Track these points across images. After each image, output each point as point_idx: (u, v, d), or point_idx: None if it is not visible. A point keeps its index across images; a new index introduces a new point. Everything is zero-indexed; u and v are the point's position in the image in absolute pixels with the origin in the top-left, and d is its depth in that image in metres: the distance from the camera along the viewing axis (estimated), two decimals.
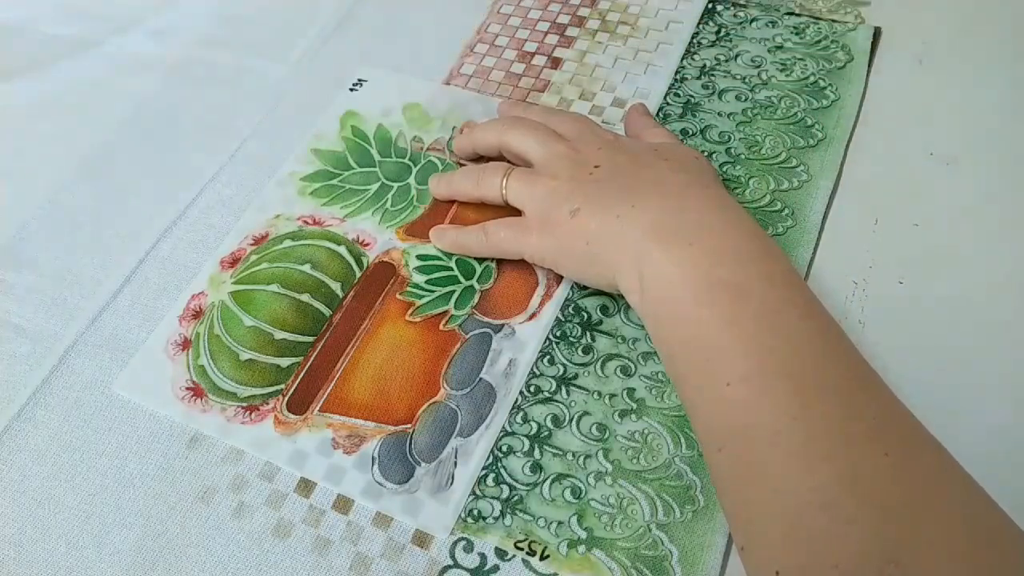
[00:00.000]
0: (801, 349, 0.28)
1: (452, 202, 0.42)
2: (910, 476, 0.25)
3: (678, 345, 0.30)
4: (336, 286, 0.39)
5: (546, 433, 0.34)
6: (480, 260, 0.39)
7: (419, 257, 0.40)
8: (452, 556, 0.31)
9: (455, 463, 0.33)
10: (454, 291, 0.38)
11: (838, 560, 0.24)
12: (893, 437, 0.26)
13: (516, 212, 0.37)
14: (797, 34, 0.47)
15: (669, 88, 0.45)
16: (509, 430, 0.34)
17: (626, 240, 0.32)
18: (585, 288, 0.38)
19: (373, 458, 0.33)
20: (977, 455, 0.26)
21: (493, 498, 0.32)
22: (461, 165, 0.43)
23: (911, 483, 0.24)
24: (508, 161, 0.40)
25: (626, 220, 0.32)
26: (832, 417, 0.26)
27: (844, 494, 0.24)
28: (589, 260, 0.34)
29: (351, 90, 0.48)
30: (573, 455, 0.33)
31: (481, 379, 0.35)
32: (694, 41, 0.48)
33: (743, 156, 0.42)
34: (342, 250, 0.40)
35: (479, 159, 0.42)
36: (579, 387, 0.35)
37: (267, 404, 0.35)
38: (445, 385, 0.35)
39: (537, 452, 0.33)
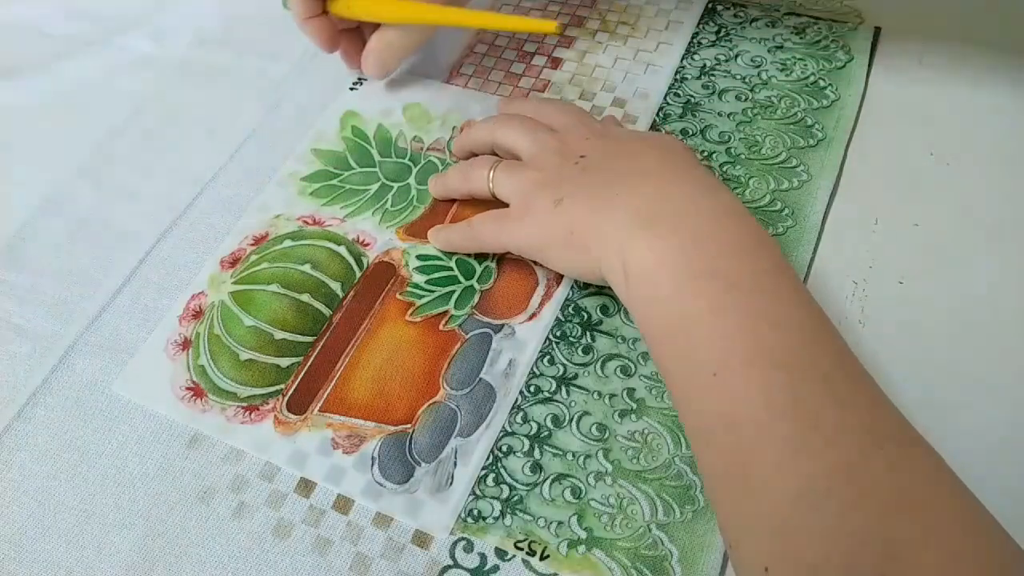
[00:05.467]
0: (789, 338, 0.27)
1: (452, 202, 0.42)
2: (905, 470, 0.24)
3: (663, 334, 0.30)
4: (336, 286, 0.39)
5: (546, 433, 0.34)
6: (480, 260, 0.39)
7: (419, 257, 0.40)
8: (452, 556, 0.31)
9: (455, 463, 0.33)
10: (454, 291, 0.38)
11: (831, 554, 0.23)
12: (886, 431, 0.25)
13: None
14: (797, 34, 0.47)
15: (669, 88, 0.45)
16: (509, 430, 0.34)
17: (610, 229, 0.32)
18: (585, 288, 0.38)
19: (373, 458, 0.33)
20: (976, 455, 0.26)
21: (493, 498, 0.32)
22: None
23: (907, 477, 0.24)
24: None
25: (610, 209, 0.32)
26: (823, 407, 0.25)
27: (838, 486, 0.23)
28: (574, 250, 0.33)
29: (351, 90, 0.48)
30: (573, 455, 0.33)
31: (481, 379, 0.35)
32: (694, 41, 0.48)
33: (743, 156, 0.42)
34: (342, 250, 0.40)
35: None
36: (579, 387, 0.35)
37: (267, 404, 0.35)
38: (445, 385, 0.35)
39: (537, 452, 0.33)
